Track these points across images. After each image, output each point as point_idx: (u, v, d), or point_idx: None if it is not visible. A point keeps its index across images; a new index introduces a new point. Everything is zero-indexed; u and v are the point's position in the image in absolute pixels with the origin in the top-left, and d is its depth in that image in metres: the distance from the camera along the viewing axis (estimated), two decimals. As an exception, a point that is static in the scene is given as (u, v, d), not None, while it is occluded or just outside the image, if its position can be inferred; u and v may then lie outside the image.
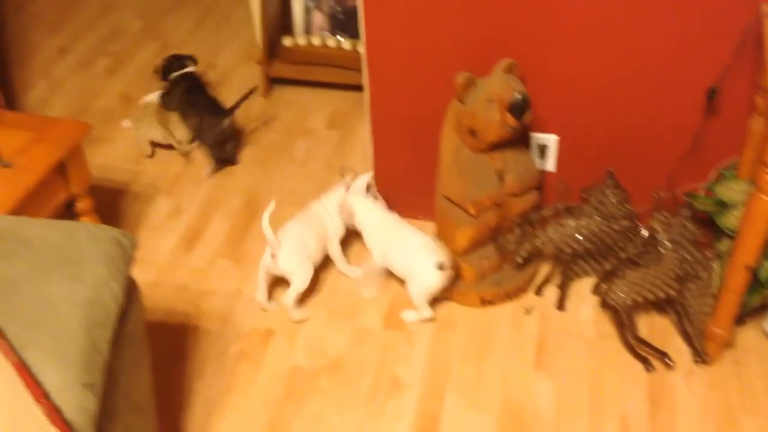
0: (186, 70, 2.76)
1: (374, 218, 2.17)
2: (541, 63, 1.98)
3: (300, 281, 2.07)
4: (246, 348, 2.06)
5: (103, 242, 1.34)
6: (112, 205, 2.51)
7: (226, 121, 2.59)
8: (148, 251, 2.33)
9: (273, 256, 2.06)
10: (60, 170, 1.90)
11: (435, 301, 2.12)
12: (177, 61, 2.79)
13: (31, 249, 1.30)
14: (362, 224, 2.18)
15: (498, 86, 1.83)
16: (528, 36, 1.95)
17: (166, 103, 2.71)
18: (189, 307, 2.18)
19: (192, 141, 2.67)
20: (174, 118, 2.69)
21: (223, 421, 1.88)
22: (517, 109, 1.81)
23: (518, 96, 1.80)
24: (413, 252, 2.03)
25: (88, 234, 1.35)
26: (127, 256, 1.38)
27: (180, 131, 2.68)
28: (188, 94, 2.68)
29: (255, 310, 2.16)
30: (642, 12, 1.84)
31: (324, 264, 2.26)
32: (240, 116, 2.86)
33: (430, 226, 2.33)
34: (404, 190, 2.38)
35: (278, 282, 2.17)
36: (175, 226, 2.45)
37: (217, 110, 2.62)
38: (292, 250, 2.07)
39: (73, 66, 3.19)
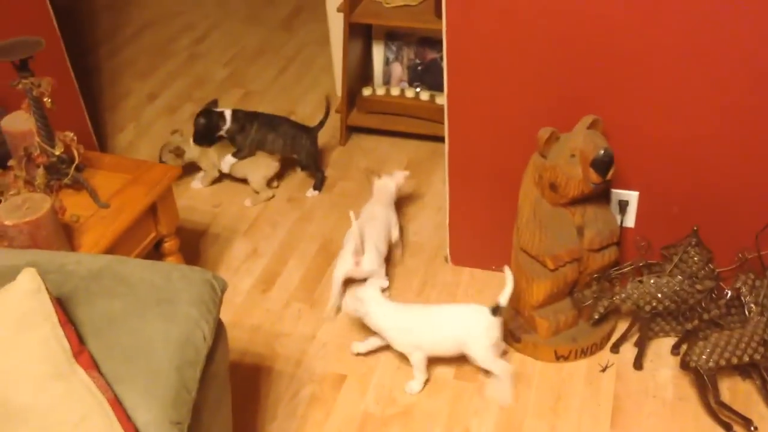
0: (223, 113, 2.67)
1: (391, 312, 2.05)
2: (623, 119, 1.98)
3: (383, 279, 2.23)
4: (318, 392, 2.08)
5: (196, 284, 1.39)
6: (193, 245, 2.59)
7: (316, 134, 2.71)
8: (226, 292, 2.38)
9: (357, 263, 2.18)
10: (151, 211, 1.98)
11: (508, 355, 2.10)
12: (211, 115, 2.66)
13: (128, 288, 1.36)
14: (380, 323, 2.05)
15: (581, 142, 1.84)
16: (611, 92, 1.96)
17: (241, 156, 2.73)
18: (263, 348, 2.21)
19: (271, 181, 2.75)
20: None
21: (295, 465, 1.89)
22: (601, 165, 1.81)
23: (602, 152, 1.80)
24: (457, 317, 1.99)
25: (181, 275, 1.40)
26: (217, 298, 1.43)
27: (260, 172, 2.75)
28: (260, 130, 2.68)
29: (328, 354, 2.18)
30: (728, 67, 1.83)
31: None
32: (318, 164, 2.94)
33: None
34: (480, 240, 2.38)
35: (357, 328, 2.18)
36: (252, 268, 2.51)
37: (300, 126, 2.73)
38: (371, 254, 2.21)
39: (161, 111, 3.34)
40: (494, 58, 2.01)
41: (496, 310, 1.94)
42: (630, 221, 2.15)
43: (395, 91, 2.97)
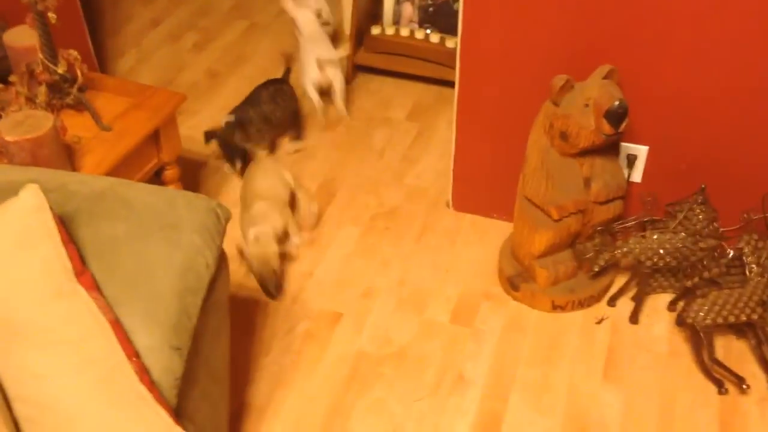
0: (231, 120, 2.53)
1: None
2: (638, 71, 1.94)
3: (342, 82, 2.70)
4: (313, 329, 2.08)
5: (200, 211, 1.37)
6: (192, 176, 2.56)
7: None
8: (225, 225, 2.37)
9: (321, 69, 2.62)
10: (154, 138, 1.94)
11: (505, 302, 2.11)
12: (233, 128, 2.52)
13: (132, 211, 1.33)
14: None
15: (596, 92, 1.80)
16: (627, 43, 1.91)
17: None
18: (261, 283, 2.21)
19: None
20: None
21: (287, 398, 1.91)
22: (615, 116, 1.78)
23: (617, 103, 1.77)
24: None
25: (186, 202, 1.38)
26: (221, 227, 1.40)
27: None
28: (255, 113, 2.54)
29: (325, 291, 2.18)
30: (749, 24, 1.78)
31: (396, 256, 2.27)
32: (323, 100, 2.89)
33: (507, 226, 2.32)
34: (483, 187, 2.36)
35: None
36: (251, 203, 2.48)
37: (273, 83, 2.65)
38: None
39: (163, 38, 3.26)
40: (510, 3, 1.95)
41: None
42: (637, 176, 2.13)
43: (405, 32, 2.90)
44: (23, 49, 1.78)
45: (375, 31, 2.94)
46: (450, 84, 2.68)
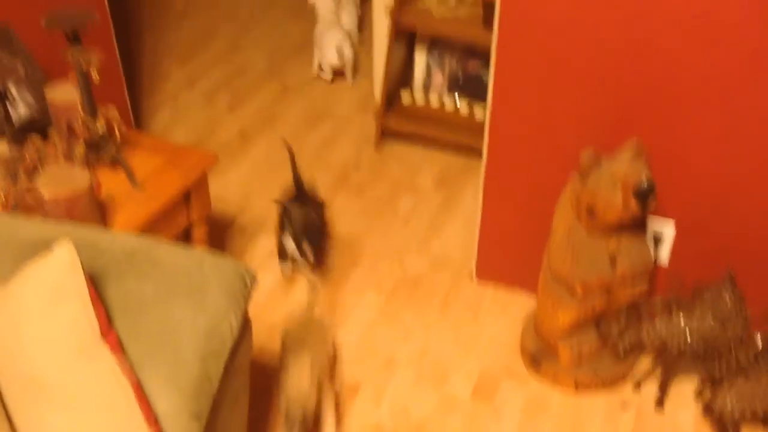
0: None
1: None
2: (667, 148, 1.94)
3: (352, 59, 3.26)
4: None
5: (228, 274, 1.37)
6: (219, 236, 2.58)
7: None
8: (248, 285, 2.37)
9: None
10: (185, 197, 1.97)
11: (526, 379, 2.07)
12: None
13: (160, 271, 1.34)
14: None
15: (624, 169, 1.80)
16: (657, 120, 1.92)
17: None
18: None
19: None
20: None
21: (303, 467, 1.87)
22: (643, 195, 1.78)
23: (645, 182, 1.77)
24: None
25: (213, 264, 1.38)
26: (246, 291, 1.41)
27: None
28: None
29: (345, 360, 2.16)
30: (784, 113, 1.79)
31: (419, 326, 2.25)
32: (350, 165, 2.92)
33: (531, 299, 2.30)
34: (508, 258, 2.35)
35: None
36: (275, 266, 2.49)
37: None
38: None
39: (198, 97, 3.34)
40: (542, 76, 1.98)
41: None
42: (664, 255, 2.11)
43: (434, 100, 2.94)
44: (64, 105, 1.82)
45: (405, 97, 2.98)
46: (477, 153, 2.71)
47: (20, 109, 1.98)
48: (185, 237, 2.15)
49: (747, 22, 1.71)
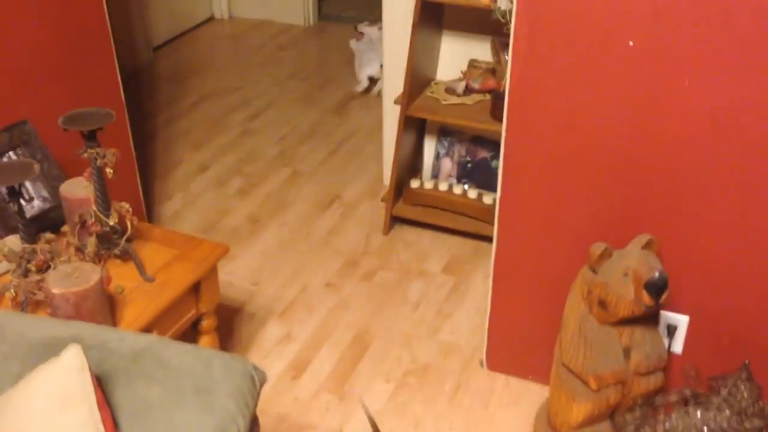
0: None
1: None
2: (678, 240, 1.94)
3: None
4: (340, 493, 2.00)
5: (236, 374, 1.36)
6: (227, 322, 2.57)
7: None
8: (256, 375, 2.35)
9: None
10: (194, 288, 1.97)
11: (542, 473, 2.01)
12: None
13: (168, 373, 1.33)
14: None
15: (636, 262, 1.80)
16: (667, 212, 1.93)
17: None
18: (288, 439, 2.15)
19: None
20: None
21: None
22: (655, 288, 1.77)
23: (657, 275, 1.76)
24: None
25: (222, 364, 1.37)
26: (255, 391, 1.39)
27: None
28: None
29: (354, 453, 2.11)
30: (792, 205, 1.80)
31: (428, 416, 2.21)
32: (359, 251, 2.93)
33: (543, 389, 2.26)
34: (519, 347, 2.32)
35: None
36: (283, 353, 2.47)
37: None
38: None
39: (209, 183, 3.39)
40: (551, 167, 2.00)
41: None
42: (678, 346, 2.08)
43: (443, 186, 2.97)
44: (78, 200, 1.85)
45: (414, 184, 3.02)
46: (487, 239, 2.71)
47: (35, 203, 2.02)
48: (194, 325, 2.14)
49: (758, 118, 1.74)
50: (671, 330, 2.07)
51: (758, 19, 1.65)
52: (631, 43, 1.76)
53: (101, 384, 1.29)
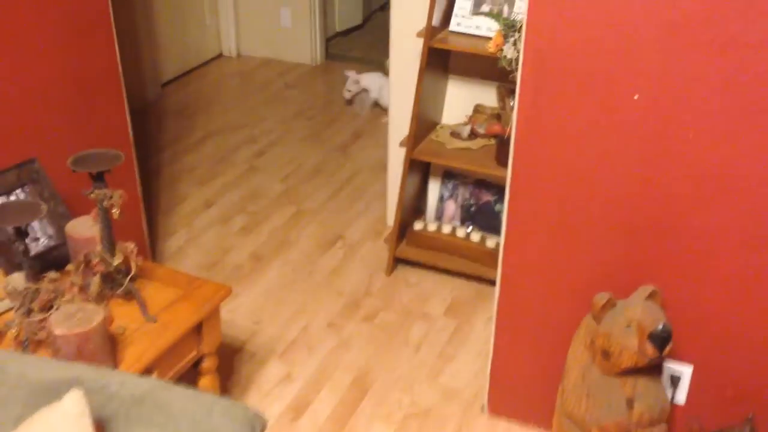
0: None
1: None
2: (682, 292, 1.94)
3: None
4: None
5: (237, 421, 1.35)
6: (227, 361, 2.56)
7: None
8: (256, 416, 2.33)
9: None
10: (196, 329, 1.97)
11: None
12: None
13: (168, 418, 1.32)
14: None
15: (639, 313, 1.80)
16: (671, 264, 1.93)
17: None
18: (286, 483, 2.13)
19: None
20: None
21: None
22: (659, 339, 1.76)
23: (660, 326, 1.76)
24: None
25: (223, 411, 1.36)
26: (256, 438, 1.38)
27: None
28: None
29: (353, 499, 2.09)
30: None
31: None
32: (361, 291, 2.93)
33: (544, 439, 2.24)
34: (521, 393, 2.31)
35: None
36: (283, 393, 2.45)
37: None
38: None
39: (213, 219, 3.40)
40: (556, 213, 2.01)
41: None
42: (681, 397, 2.06)
43: (447, 229, 2.98)
44: (83, 240, 1.86)
45: (417, 226, 3.02)
46: (490, 282, 2.71)
47: (40, 241, 2.02)
48: (195, 365, 2.13)
49: (761, 174, 1.75)
50: (674, 381, 2.05)
51: (765, 79, 1.67)
52: (636, 97, 1.78)
53: (101, 429, 1.28)
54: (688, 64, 1.72)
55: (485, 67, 2.74)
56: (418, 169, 3.00)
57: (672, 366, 2.04)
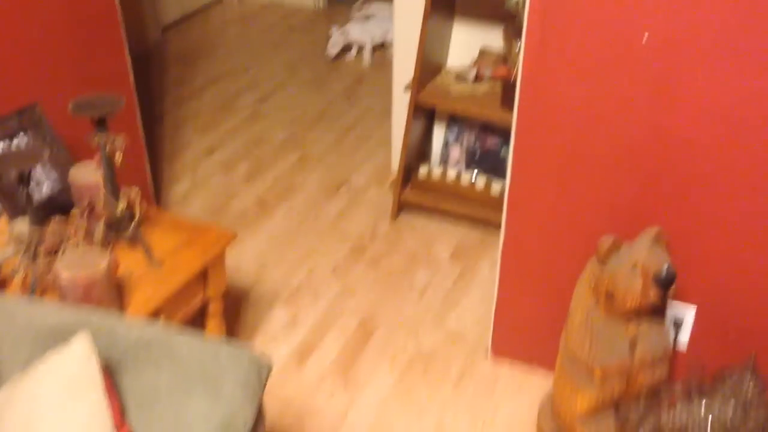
0: None
1: None
2: (688, 234, 1.94)
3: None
4: (344, 478, 2.02)
5: (243, 364, 1.37)
6: (233, 307, 2.58)
7: None
8: (263, 360, 2.36)
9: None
10: (201, 274, 1.98)
11: (545, 463, 2.02)
12: None
13: (176, 361, 1.34)
14: None
15: (644, 255, 1.79)
16: (677, 206, 1.92)
17: None
18: (293, 423, 2.17)
19: None
20: None
21: None
22: (663, 281, 1.76)
23: (665, 269, 1.76)
24: None
25: (229, 354, 1.38)
26: (262, 381, 1.40)
27: None
28: None
29: (359, 439, 2.13)
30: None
31: (433, 403, 2.22)
32: (366, 236, 2.93)
33: (548, 377, 2.26)
34: (525, 335, 2.33)
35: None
36: (289, 338, 2.48)
37: None
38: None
39: (217, 166, 3.39)
40: (561, 158, 1.99)
41: None
42: (684, 339, 2.08)
43: (452, 174, 2.97)
44: (86, 185, 1.86)
45: (422, 170, 3.01)
46: (495, 226, 2.71)
47: (43, 188, 2.02)
48: (200, 310, 2.15)
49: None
50: (678, 323, 2.06)
51: (774, 13, 1.63)
52: (646, 35, 1.75)
53: (109, 371, 1.30)
54: (699, 2, 1.67)
55: (492, 8, 2.69)
56: (423, 114, 2.97)
57: (676, 306, 2.05)
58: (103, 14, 2.45)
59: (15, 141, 2.03)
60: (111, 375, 1.29)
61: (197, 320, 2.12)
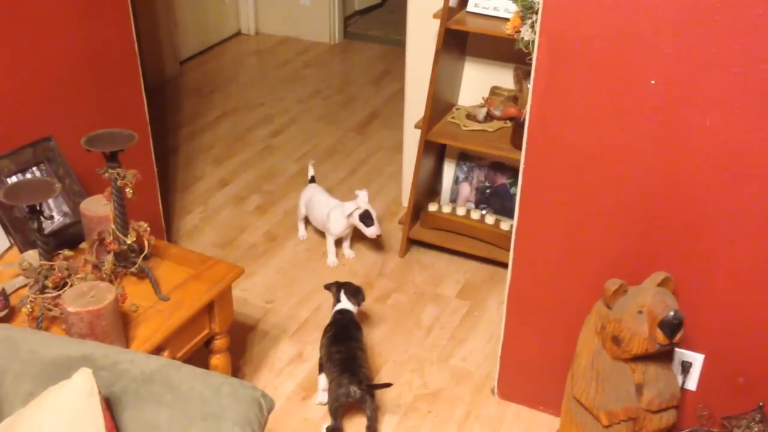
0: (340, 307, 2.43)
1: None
2: (695, 279, 1.92)
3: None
4: None
5: (244, 402, 1.37)
6: (240, 339, 2.58)
7: (355, 391, 2.15)
8: (267, 395, 2.35)
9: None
10: (208, 308, 1.99)
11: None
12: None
13: (177, 397, 1.34)
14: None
15: (651, 299, 1.79)
16: (685, 251, 1.91)
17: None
18: (296, 461, 2.15)
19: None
20: None
21: None
22: (669, 327, 1.75)
23: (672, 313, 1.75)
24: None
25: (231, 391, 1.38)
26: (263, 418, 1.40)
27: None
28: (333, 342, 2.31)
29: (361, 478, 2.11)
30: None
31: (438, 443, 2.20)
32: (374, 272, 2.93)
33: (554, 421, 2.24)
34: (531, 377, 2.31)
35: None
36: (294, 372, 2.48)
37: (352, 374, 2.17)
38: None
39: (229, 198, 3.41)
40: (569, 197, 2.00)
41: None
42: (692, 384, 2.06)
43: (461, 211, 2.97)
44: (97, 218, 1.88)
45: (432, 207, 3.02)
46: (503, 265, 2.70)
47: (55, 218, 2.04)
48: (206, 344, 2.15)
49: (771, 159, 1.73)
50: (685, 367, 2.04)
51: (781, 61, 1.64)
52: (653, 82, 1.76)
53: (110, 406, 1.30)
54: (707, 49, 1.69)
55: (503, 48, 2.71)
56: (434, 151, 2.99)
57: (684, 353, 2.03)
58: (121, 49, 2.49)
59: (29, 173, 2.06)
60: (112, 409, 1.29)
61: (203, 354, 2.12)
